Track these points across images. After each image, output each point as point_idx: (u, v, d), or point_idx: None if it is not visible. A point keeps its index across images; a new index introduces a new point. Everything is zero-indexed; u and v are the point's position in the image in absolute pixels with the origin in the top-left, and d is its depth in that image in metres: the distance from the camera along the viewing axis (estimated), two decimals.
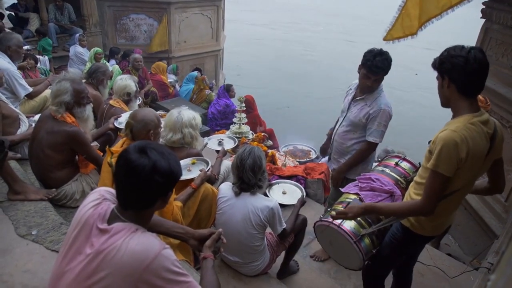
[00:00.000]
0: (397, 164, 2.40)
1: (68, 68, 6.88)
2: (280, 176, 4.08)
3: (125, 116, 3.24)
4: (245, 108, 5.17)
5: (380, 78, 2.59)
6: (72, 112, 2.65)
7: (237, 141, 3.79)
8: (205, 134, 5.10)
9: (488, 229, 3.61)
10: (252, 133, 5.20)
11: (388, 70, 2.55)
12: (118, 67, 6.60)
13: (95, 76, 3.89)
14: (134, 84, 3.73)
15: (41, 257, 1.99)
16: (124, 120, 3.18)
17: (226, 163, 3.15)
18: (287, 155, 4.95)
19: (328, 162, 3.09)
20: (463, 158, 1.62)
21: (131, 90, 3.67)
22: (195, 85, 7.24)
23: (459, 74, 1.65)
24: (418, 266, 2.56)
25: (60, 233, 2.17)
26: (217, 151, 3.09)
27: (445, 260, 3.31)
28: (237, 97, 5.23)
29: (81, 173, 2.79)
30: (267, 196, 2.70)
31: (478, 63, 1.61)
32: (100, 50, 6.54)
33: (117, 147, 2.38)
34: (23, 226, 2.18)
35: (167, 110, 4.72)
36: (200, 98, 7.16)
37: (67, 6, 8.06)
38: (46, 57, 6.63)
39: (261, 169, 2.27)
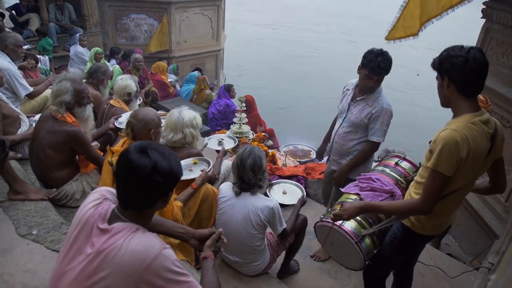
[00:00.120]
0: (397, 164, 2.40)
1: (69, 68, 6.89)
2: (281, 176, 4.08)
3: (126, 116, 3.24)
4: (245, 108, 5.18)
5: (382, 78, 2.59)
6: (73, 112, 2.66)
7: (238, 141, 3.79)
8: (206, 134, 5.11)
9: (489, 229, 3.60)
10: (253, 133, 5.20)
11: (389, 70, 2.55)
12: (119, 67, 6.60)
13: (96, 76, 3.89)
14: (135, 84, 3.72)
15: (42, 257, 1.99)
16: (125, 120, 3.19)
17: (226, 163, 3.15)
18: (288, 155, 4.95)
19: (328, 163, 3.08)
20: (464, 158, 1.62)
21: (132, 90, 3.67)
22: (196, 85, 7.24)
23: (459, 74, 1.64)
24: (419, 266, 2.56)
25: (61, 233, 2.17)
26: (217, 151, 3.09)
27: (446, 260, 3.31)
28: (237, 97, 5.23)
29: (82, 173, 2.79)
30: (268, 196, 2.70)
31: (478, 63, 1.61)
32: (101, 50, 6.54)
33: (118, 147, 2.38)
34: (24, 226, 2.18)
35: (168, 110, 4.72)
36: (201, 98, 7.16)
37: (68, 6, 8.07)
38: (47, 57, 6.64)
39: (262, 169, 2.27)
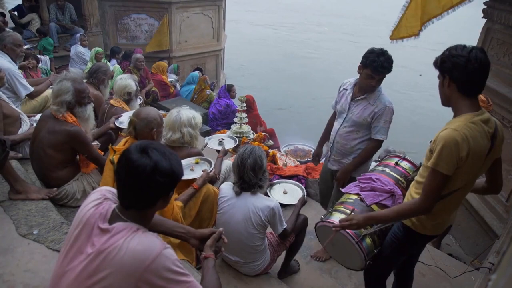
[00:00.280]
0: (397, 164, 2.41)
1: (69, 68, 6.89)
2: (281, 176, 4.08)
3: (126, 116, 3.25)
4: (246, 108, 5.18)
5: (383, 77, 2.62)
6: (73, 112, 2.66)
7: (238, 141, 3.79)
8: (206, 134, 5.11)
9: (489, 229, 3.60)
10: (253, 133, 5.20)
11: (391, 69, 2.58)
12: (119, 67, 6.61)
13: (96, 76, 3.89)
14: (135, 84, 3.72)
15: (42, 257, 1.99)
16: (125, 120, 3.19)
17: (227, 163, 3.15)
18: (288, 155, 4.95)
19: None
20: (464, 157, 1.62)
21: (132, 90, 3.67)
22: (196, 85, 7.24)
23: (460, 74, 1.64)
24: (419, 266, 2.56)
25: (61, 233, 2.17)
26: (218, 151, 3.09)
27: (446, 260, 3.31)
28: (238, 97, 5.23)
29: (82, 173, 2.79)
30: (268, 196, 2.70)
31: (479, 63, 1.60)
32: (101, 50, 6.54)
33: (120, 145, 2.39)
34: (24, 226, 2.18)
35: (168, 110, 4.72)
36: (201, 98, 7.16)
37: (68, 6, 8.07)
38: (47, 57, 6.65)
39: (262, 169, 2.27)
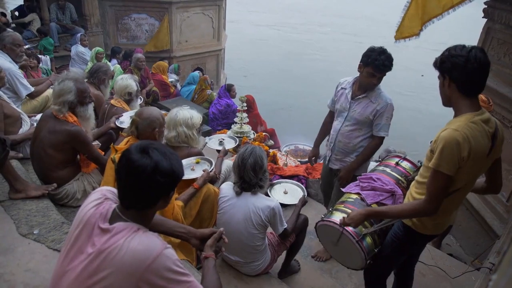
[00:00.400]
0: (398, 164, 2.41)
1: (70, 68, 6.89)
2: (282, 176, 4.08)
3: (127, 116, 3.25)
4: (246, 108, 5.18)
5: (384, 75, 2.66)
6: (75, 111, 2.66)
7: (239, 141, 3.79)
8: (206, 134, 5.10)
9: (490, 229, 3.60)
10: (254, 133, 5.20)
11: (392, 67, 2.62)
12: (120, 67, 6.61)
13: (97, 76, 3.90)
14: (135, 84, 3.73)
15: (43, 257, 1.99)
16: (125, 120, 3.20)
17: (227, 163, 3.15)
18: (289, 155, 4.95)
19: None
20: (465, 157, 1.62)
21: (132, 90, 3.67)
22: (197, 85, 7.24)
23: (460, 74, 1.65)
24: (420, 266, 2.56)
25: (62, 233, 2.17)
26: (218, 151, 3.09)
27: (447, 260, 3.31)
28: (238, 97, 5.23)
29: (83, 173, 2.80)
30: (269, 196, 2.70)
31: (479, 63, 1.61)
32: (102, 50, 6.55)
33: (122, 145, 2.39)
34: (25, 225, 2.19)
35: (169, 110, 4.71)
36: (202, 98, 7.17)
37: (69, 6, 8.08)
38: (48, 57, 6.65)
39: (262, 169, 2.27)
